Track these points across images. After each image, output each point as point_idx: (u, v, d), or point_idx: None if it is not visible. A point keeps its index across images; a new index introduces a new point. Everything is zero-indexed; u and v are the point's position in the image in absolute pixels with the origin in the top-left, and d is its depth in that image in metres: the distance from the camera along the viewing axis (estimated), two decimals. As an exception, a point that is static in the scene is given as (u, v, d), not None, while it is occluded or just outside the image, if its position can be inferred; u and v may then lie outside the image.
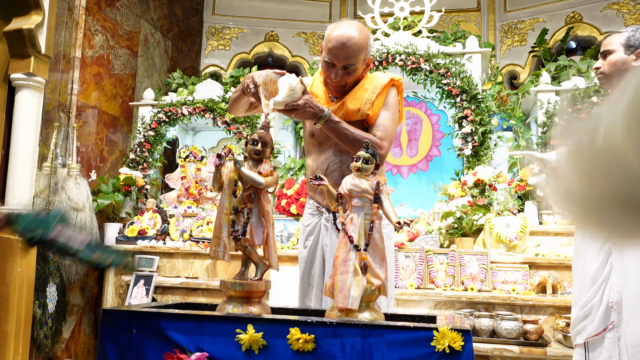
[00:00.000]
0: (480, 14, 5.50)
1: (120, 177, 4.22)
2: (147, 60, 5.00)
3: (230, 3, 5.80)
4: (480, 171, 3.72)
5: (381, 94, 2.03)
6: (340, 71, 1.97)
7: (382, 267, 1.57)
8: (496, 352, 2.79)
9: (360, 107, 2.00)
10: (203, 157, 4.54)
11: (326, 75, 2.01)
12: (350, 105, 2.01)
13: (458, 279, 3.27)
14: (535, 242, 3.45)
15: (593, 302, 1.92)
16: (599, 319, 1.89)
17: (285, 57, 5.72)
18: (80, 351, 3.95)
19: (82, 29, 4.01)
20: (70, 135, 3.79)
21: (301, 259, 2.18)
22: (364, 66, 2.03)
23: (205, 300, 3.59)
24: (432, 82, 4.12)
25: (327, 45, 1.95)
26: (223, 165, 1.65)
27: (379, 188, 1.55)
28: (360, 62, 1.99)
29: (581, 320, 1.97)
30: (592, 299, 1.93)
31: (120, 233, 4.04)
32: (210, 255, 1.65)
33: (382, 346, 1.35)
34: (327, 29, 2.02)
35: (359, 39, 1.94)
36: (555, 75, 4.17)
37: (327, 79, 2.02)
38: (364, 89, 2.04)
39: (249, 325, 1.42)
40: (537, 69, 4.90)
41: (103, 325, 1.53)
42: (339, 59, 1.94)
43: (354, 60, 1.96)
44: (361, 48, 1.96)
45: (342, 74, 1.97)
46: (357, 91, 2.04)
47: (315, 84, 2.13)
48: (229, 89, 4.61)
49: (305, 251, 2.16)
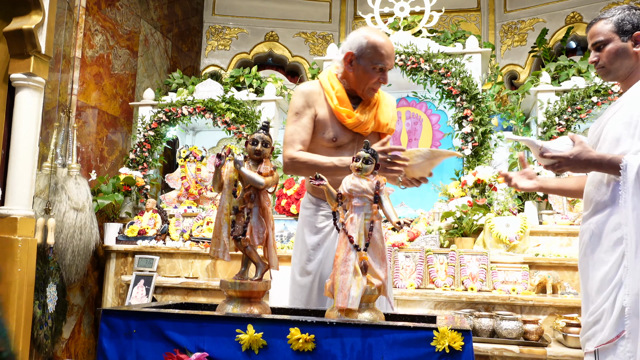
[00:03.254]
0: (480, 14, 5.49)
1: (120, 177, 4.22)
2: (147, 60, 5.00)
3: (230, 3, 5.80)
4: (480, 171, 3.72)
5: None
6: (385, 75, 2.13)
7: (382, 267, 1.57)
8: (496, 352, 2.79)
9: (388, 122, 2.22)
10: (203, 157, 4.54)
11: (374, 81, 2.11)
12: (382, 120, 2.20)
13: (458, 279, 3.27)
14: (535, 242, 3.45)
15: (604, 307, 1.75)
16: (611, 325, 1.71)
17: (285, 57, 5.72)
18: (80, 351, 3.95)
19: (82, 29, 4.01)
20: (70, 135, 3.79)
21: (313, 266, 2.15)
22: None
23: (205, 300, 3.59)
24: (432, 82, 4.12)
25: (380, 51, 2.07)
26: (223, 165, 1.65)
27: (379, 188, 1.55)
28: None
29: (591, 326, 1.80)
30: (603, 304, 1.76)
31: (120, 233, 4.04)
32: (210, 255, 1.65)
33: (382, 346, 1.35)
34: (358, 37, 2.11)
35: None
36: (555, 75, 4.16)
37: (374, 84, 2.12)
38: (386, 104, 2.25)
39: (249, 325, 1.42)
40: (537, 69, 4.90)
41: (103, 325, 1.53)
42: (391, 63, 2.12)
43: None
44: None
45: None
46: (382, 105, 2.22)
47: (338, 89, 2.16)
48: (228, 89, 4.60)
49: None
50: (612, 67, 1.84)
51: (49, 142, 3.66)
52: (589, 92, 3.82)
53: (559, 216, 3.59)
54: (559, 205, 3.68)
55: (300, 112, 2.15)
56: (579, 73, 4.04)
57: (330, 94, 2.14)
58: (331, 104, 2.13)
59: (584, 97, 3.83)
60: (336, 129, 2.13)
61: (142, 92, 4.76)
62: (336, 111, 2.12)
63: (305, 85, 2.23)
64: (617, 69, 1.83)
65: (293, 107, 2.17)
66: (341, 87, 2.16)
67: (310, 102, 2.16)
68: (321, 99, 2.17)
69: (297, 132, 2.12)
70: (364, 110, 2.15)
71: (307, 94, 2.17)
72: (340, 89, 2.15)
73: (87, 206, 3.62)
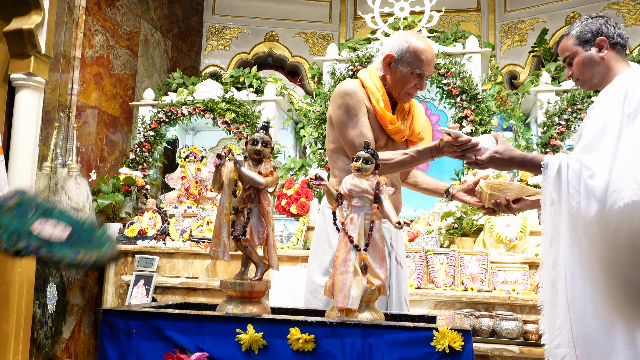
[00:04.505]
0: (480, 14, 5.49)
1: (120, 177, 4.22)
2: (147, 60, 5.00)
3: (230, 3, 5.80)
4: (480, 171, 3.72)
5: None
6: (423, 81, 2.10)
7: (382, 267, 1.57)
8: (496, 352, 2.79)
9: (420, 132, 2.20)
10: (203, 157, 4.54)
11: (411, 86, 2.07)
12: (416, 129, 2.18)
13: (458, 279, 3.27)
14: (535, 242, 3.45)
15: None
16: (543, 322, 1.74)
17: (285, 57, 5.72)
18: (80, 351, 3.96)
19: (82, 29, 4.01)
20: (70, 135, 3.79)
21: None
22: None
23: (205, 300, 3.59)
24: (432, 82, 4.12)
25: (421, 57, 2.06)
26: (223, 165, 1.65)
27: (379, 188, 1.55)
28: None
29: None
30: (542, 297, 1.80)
31: (120, 233, 4.04)
32: (210, 255, 1.65)
33: (382, 346, 1.35)
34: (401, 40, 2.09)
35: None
36: (555, 75, 4.16)
37: (411, 89, 2.08)
38: (418, 113, 2.22)
39: (249, 325, 1.42)
40: (537, 69, 4.90)
41: (103, 325, 1.53)
42: (431, 70, 2.11)
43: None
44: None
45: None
46: (416, 114, 2.20)
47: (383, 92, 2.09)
48: (228, 89, 4.61)
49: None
50: (585, 78, 1.90)
51: (49, 142, 3.66)
52: (589, 92, 3.82)
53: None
54: (559, 205, 3.67)
55: (357, 112, 2.04)
56: (579, 73, 4.04)
57: (375, 95, 2.06)
58: (377, 106, 2.05)
59: (583, 97, 3.83)
60: (375, 132, 2.05)
61: (142, 92, 4.76)
62: (381, 115, 2.05)
63: (349, 84, 2.10)
64: (591, 78, 1.88)
65: (347, 108, 2.05)
66: (384, 90, 2.09)
67: (362, 99, 2.06)
68: (365, 99, 2.08)
69: (363, 134, 2.02)
70: (403, 117, 2.12)
71: (356, 91, 2.06)
72: (384, 92, 2.09)
73: (87, 206, 3.62)
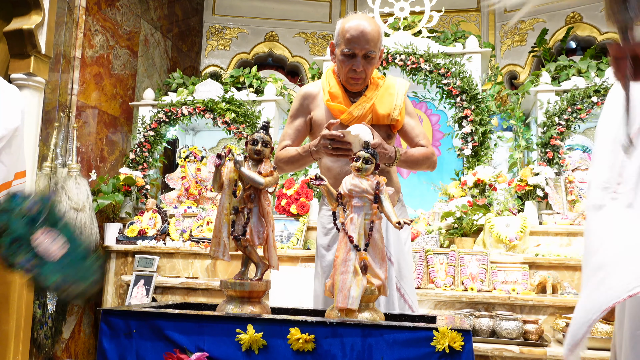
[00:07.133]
0: (480, 14, 5.49)
1: (120, 177, 4.22)
2: (147, 60, 5.00)
3: (230, 3, 5.80)
4: (480, 171, 3.72)
5: (404, 101, 2.12)
6: (362, 60, 1.99)
7: (382, 267, 1.57)
8: (496, 352, 2.79)
9: (390, 113, 2.06)
10: (203, 157, 4.54)
11: (347, 69, 2.00)
12: (381, 110, 2.06)
13: (458, 279, 3.27)
14: (535, 242, 3.45)
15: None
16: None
17: (285, 57, 5.72)
18: (80, 351, 3.95)
19: (82, 29, 4.01)
20: (70, 135, 3.79)
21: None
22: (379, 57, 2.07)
23: (205, 300, 3.59)
24: (432, 82, 4.12)
25: (346, 36, 1.97)
26: (223, 165, 1.65)
27: (379, 188, 1.55)
28: (377, 50, 2.02)
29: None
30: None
31: (120, 233, 4.04)
32: (210, 255, 1.65)
33: (382, 346, 1.35)
34: (337, 25, 2.04)
35: (375, 26, 2.00)
36: (555, 75, 4.16)
37: (348, 72, 2.01)
38: (390, 94, 2.09)
39: (249, 325, 1.42)
40: (537, 69, 4.90)
41: (103, 325, 1.52)
42: (360, 47, 1.96)
43: (374, 47, 1.99)
44: (378, 35, 2.00)
45: (363, 63, 1.99)
46: (384, 95, 2.08)
47: (332, 85, 2.09)
48: (228, 89, 4.60)
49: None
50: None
51: (49, 142, 3.66)
52: (589, 92, 3.82)
53: (558, 216, 3.59)
54: (559, 205, 3.68)
55: (294, 114, 2.17)
56: (579, 73, 4.04)
57: (325, 90, 2.10)
58: (326, 101, 2.09)
59: (583, 97, 3.83)
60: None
61: (142, 92, 4.76)
62: (331, 108, 2.07)
63: (305, 86, 2.22)
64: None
65: (291, 109, 2.19)
66: (336, 82, 2.09)
67: (306, 104, 2.15)
68: (319, 99, 2.13)
69: (287, 134, 2.16)
70: (361, 103, 2.05)
71: (304, 95, 2.17)
72: (335, 84, 2.09)
73: (87, 206, 3.62)
